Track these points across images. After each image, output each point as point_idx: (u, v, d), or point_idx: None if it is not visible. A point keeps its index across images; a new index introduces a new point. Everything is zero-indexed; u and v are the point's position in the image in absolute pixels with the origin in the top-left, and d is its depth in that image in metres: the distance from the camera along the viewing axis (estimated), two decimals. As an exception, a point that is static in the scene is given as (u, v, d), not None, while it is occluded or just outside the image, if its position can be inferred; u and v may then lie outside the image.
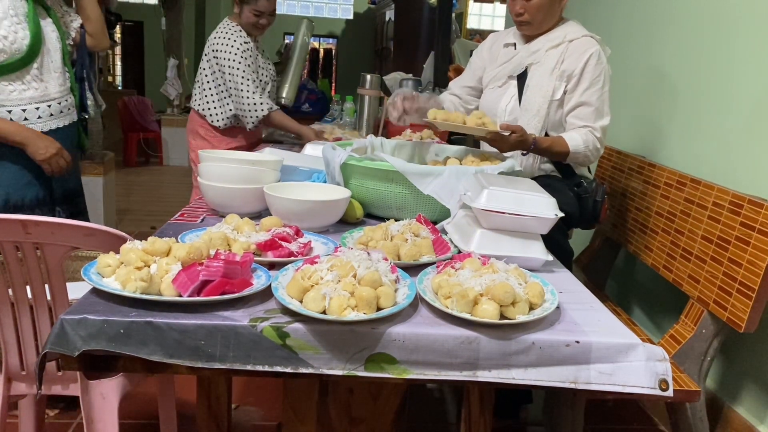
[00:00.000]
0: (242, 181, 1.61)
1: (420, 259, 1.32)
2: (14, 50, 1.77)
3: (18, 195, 1.92)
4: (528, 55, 2.07)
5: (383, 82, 3.42)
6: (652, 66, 2.69)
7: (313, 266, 1.12)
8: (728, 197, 1.85)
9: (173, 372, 1.03)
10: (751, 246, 1.71)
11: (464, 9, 7.25)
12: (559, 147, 1.96)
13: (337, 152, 1.69)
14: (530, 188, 1.43)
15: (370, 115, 3.20)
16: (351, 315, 1.02)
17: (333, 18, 10.92)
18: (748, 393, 2.06)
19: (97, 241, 1.45)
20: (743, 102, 2.09)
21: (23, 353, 1.54)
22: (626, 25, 2.93)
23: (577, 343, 1.05)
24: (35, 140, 1.86)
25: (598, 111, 1.99)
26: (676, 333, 1.90)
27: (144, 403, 2.16)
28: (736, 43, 2.15)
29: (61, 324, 0.99)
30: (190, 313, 1.03)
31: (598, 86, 1.98)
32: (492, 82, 2.17)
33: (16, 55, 1.78)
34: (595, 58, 1.98)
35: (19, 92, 1.82)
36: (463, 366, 1.04)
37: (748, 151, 2.06)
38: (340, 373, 1.03)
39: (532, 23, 2.04)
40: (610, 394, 1.07)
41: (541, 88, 2.02)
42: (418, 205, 1.62)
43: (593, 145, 1.98)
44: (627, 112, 2.84)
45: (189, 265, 1.09)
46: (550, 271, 1.38)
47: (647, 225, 2.26)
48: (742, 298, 1.69)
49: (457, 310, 1.06)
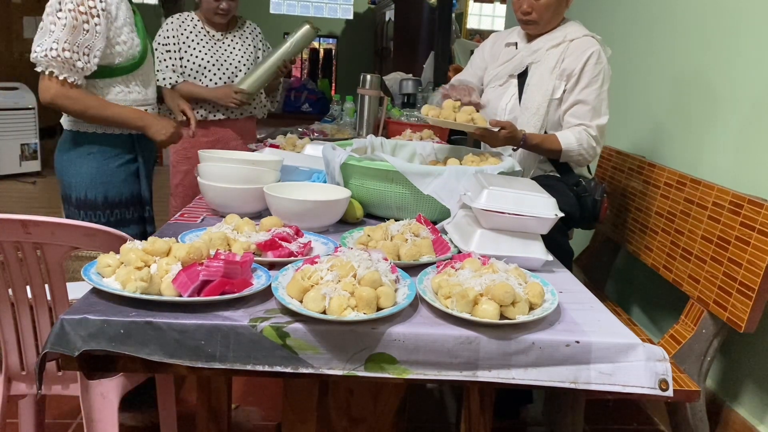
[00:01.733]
0: (242, 181, 1.61)
1: (420, 259, 1.32)
2: (129, 56, 1.87)
3: (115, 192, 1.94)
4: (529, 55, 2.07)
5: (383, 82, 3.42)
6: (652, 66, 2.69)
7: (313, 266, 1.12)
8: (728, 197, 1.85)
9: (173, 372, 1.03)
10: (751, 246, 1.71)
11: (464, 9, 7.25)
12: (550, 144, 1.96)
13: (337, 152, 1.69)
14: (530, 188, 1.43)
15: (370, 115, 3.19)
16: (351, 315, 1.02)
17: (333, 18, 10.93)
18: (748, 393, 2.06)
19: (97, 241, 1.45)
20: (743, 102, 2.09)
21: (23, 353, 1.54)
22: (626, 25, 2.93)
23: (577, 343, 1.05)
24: (155, 122, 1.93)
25: (594, 110, 1.99)
26: (676, 333, 1.90)
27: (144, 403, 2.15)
28: (737, 42, 2.15)
29: (61, 324, 0.99)
30: (190, 313, 1.03)
31: (596, 85, 1.98)
32: (493, 80, 2.17)
33: (130, 60, 1.88)
34: (595, 58, 1.98)
35: (125, 94, 1.89)
36: (463, 366, 1.04)
37: (748, 151, 2.06)
38: (340, 373, 1.03)
39: (539, 22, 2.04)
40: (610, 394, 1.07)
41: (540, 87, 2.02)
42: (418, 205, 1.62)
43: (588, 144, 1.98)
44: (627, 112, 2.84)
45: (189, 265, 1.09)
46: (550, 271, 1.38)
47: (647, 225, 2.26)
48: (742, 298, 1.69)
49: (457, 310, 1.06)
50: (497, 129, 1.84)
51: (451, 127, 1.90)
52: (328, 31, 10.66)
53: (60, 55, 1.72)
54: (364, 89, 3.18)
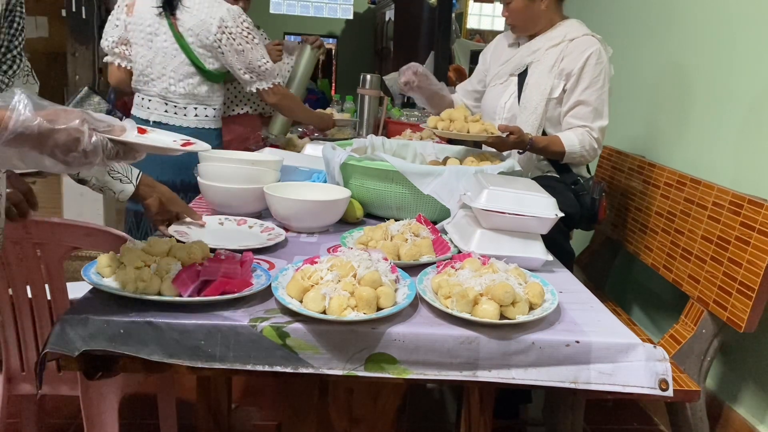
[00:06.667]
0: (242, 181, 1.61)
1: (420, 259, 1.32)
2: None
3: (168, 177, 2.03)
4: (528, 54, 2.08)
5: (383, 82, 3.41)
6: (652, 66, 2.69)
7: (313, 266, 1.12)
8: (728, 197, 1.85)
9: (173, 372, 1.03)
10: (751, 246, 1.71)
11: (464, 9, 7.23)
12: (555, 146, 1.97)
13: (337, 152, 1.69)
14: (530, 188, 1.43)
15: (370, 115, 3.19)
16: (351, 315, 1.02)
17: (333, 18, 10.91)
18: (748, 393, 2.06)
19: (97, 241, 1.45)
20: (743, 102, 2.09)
21: (23, 353, 1.54)
22: (626, 25, 2.93)
23: (577, 343, 1.05)
24: None
25: (596, 111, 1.99)
26: (676, 333, 1.90)
27: (144, 403, 2.16)
28: (736, 42, 2.15)
29: (61, 324, 0.99)
30: (190, 312, 1.03)
31: (597, 86, 1.98)
32: (494, 79, 2.19)
33: (221, 69, 2.26)
34: (595, 57, 1.98)
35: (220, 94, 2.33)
36: (463, 366, 1.04)
37: (748, 151, 2.06)
38: (340, 373, 1.03)
39: (517, 26, 2.11)
40: (610, 394, 1.07)
41: (539, 86, 2.03)
42: (418, 205, 1.62)
43: (590, 145, 1.98)
44: (627, 112, 2.84)
45: (189, 265, 1.08)
46: (550, 271, 1.38)
47: (647, 225, 2.26)
48: (742, 298, 1.69)
49: (457, 310, 1.06)
50: (506, 135, 1.85)
51: (466, 138, 1.90)
52: (328, 31, 10.66)
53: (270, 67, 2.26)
54: (364, 89, 3.18)
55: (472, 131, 1.83)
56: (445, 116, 1.89)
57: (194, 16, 2.16)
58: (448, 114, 1.90)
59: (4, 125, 0.82)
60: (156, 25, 2.21)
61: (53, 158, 0.87)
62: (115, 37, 2.29)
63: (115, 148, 0.90)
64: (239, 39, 2.16)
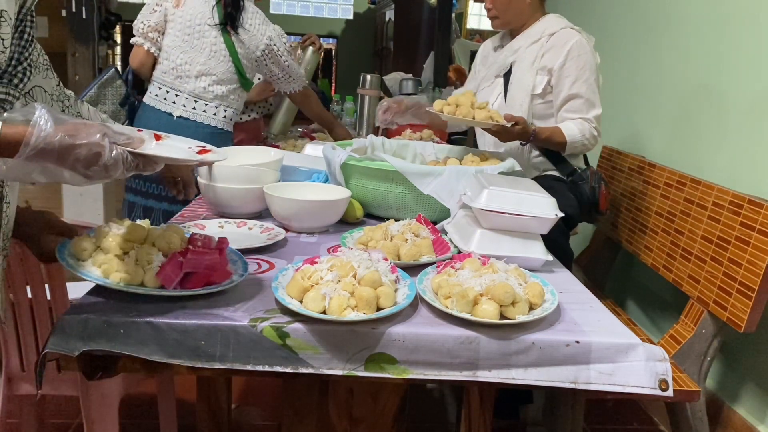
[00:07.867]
0: (242, 181, 1.61)
1: (420, 259, 1.32)
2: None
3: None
4: (511, 54, 2.10)
5: (383, 82, 3.42)
6: (651, 66, 2.69)
7: (313, 266, 1.12)
8: (728, 197, 1.85)
9: (173, 372, 1.03)
10: (751, 246, 1.71)
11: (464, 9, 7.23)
12: (558, 137, 1.98)
13: (337, 152, 1.69)
14: (530, 188, 1.43)
15: (370, 115, 3.19)
16: (351, 315, 1.02)
17: (333, 18, 10.92)
18: (748, 393, 2.06)
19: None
20: (743, 101, 2.09)
21: (23, 353, 1.54)
22: (625, 25, 2.93)
23: (577, 343, 1.05)
24: None
25: (588, 102, 2.00)
26: (676, 333, 1.90)
27: (144, 403, 2.16)
28: (736, 42, 2.15)
29: (61, 324, 0.99)
30: (190, 312, 1.03)
31: (584, 77, 1.99)
32: (483, 82, 2.22)
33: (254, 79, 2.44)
34: (576, 50, 1.98)
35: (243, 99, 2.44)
36: (463, 366, 1.04)
37: (748, 151, 2.06)
38: (340, 373, 1.03)
39: (500, 18, 2.10)
40: (610, 394, 1.07)
41: (522, 83, 2.04)
42: (418, 205, 1.62)
43: (590, 134, 2.00)
44: (627, 112, 2.84)
45: (170, 255, 1.07)
46: (550, 271, 1.38)
47: (647, 225, 2.26)
48: (742, 298, 1.69)
49: (457, 310, 1.06)
50: (510, 124, 1.85)
51: (470, 124, 1.93)
52: (328, 31, 10.66)
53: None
54: (364, 89, 3.18)
55: (477, 118, 1.83)
56: (452, 101, 1.89)
57: (246, 30, 2.28)
58: (455, 99, 1.89)
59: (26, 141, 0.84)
60: (206, 27, 2.26)
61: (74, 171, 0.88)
62: (152, 22, 2.31)
63: (135, 161, 0.91)
64: (284, 56, 2.38)
